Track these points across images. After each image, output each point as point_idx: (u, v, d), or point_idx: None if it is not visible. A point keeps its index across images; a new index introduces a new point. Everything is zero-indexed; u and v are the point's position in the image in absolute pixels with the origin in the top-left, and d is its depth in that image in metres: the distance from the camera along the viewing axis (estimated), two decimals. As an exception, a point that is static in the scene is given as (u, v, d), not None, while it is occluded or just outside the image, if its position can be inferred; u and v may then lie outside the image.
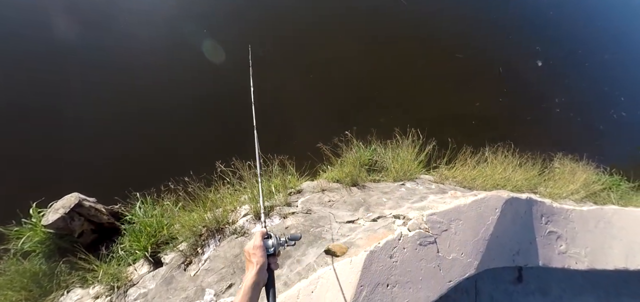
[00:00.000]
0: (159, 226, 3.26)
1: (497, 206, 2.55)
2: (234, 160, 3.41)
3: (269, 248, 1.15)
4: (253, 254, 1.10)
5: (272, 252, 1.16)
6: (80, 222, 3.13)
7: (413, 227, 2.25)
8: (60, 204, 3.06)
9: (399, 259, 2.11)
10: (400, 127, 4.37)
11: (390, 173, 4.16)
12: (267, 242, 1.16)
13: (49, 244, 3.10)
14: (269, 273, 1.11)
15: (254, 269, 1.07)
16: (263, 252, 1.12)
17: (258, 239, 1.15)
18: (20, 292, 2.76)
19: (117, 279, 2.87)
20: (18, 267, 2.87)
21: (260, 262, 1.08)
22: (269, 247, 1.15)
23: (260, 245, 1.13)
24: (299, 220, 3.00)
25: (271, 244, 1.16)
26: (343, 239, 2.42)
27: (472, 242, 2.36)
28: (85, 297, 2.90)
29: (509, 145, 4.47)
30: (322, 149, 3.91)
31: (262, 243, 1.14)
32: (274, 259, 1.16)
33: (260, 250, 1.12)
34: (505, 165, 4.36)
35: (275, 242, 1.18)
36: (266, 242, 1.16)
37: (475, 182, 4.13)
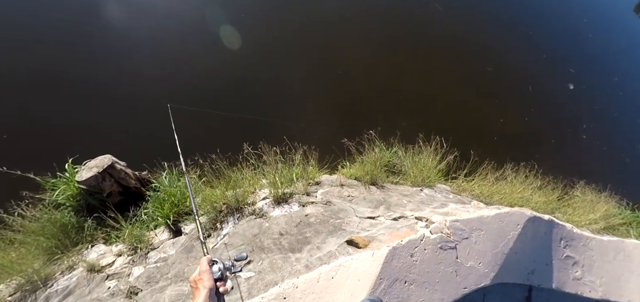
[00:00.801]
0: (183, 197, 3.38)
1: (519, 222, 2.56)
2: (261, 144, 3.49)
3: (215, 273, 1.10)
4: (199, 279, 1.05)
5: (219, 275, 1.11)
6: (110, 183, 3.27)
7: (435, 230, 2.29)
8: (94, 163, 3.21)
9: (419, 258, 2.15)
10: (423, 133, 4.38)
11: (408, 177, 4.19)
12: (213, 267, 1.12)
13: (79, 199, 3.26)
14: (218, 297, 1.07)
15: (201, 295, 1.02)
16: (209, 276, 1.07)
17: (204, 265, 1.10)
18: (51, 239, 2.91)
19: (140, 241, 3.00)
20: (50, 217, 3.02)
21: (207, 286, 1.03)
22: (216, 272, 1.10)
23: (206, 269, 1.08)
24: (319, 209, 3.07)
25: (217, 269, 1.12)
26: (364, 233, 2.47)
27: (491, 254, 2.38)
28: (108, 254, 3.04)
29: (532, 166, 4.42)
30: (346, 144, 3.95)
31: (208, 268, 1.09)
32: (222, 283, 1.10)
33: (207, 274, 1.07)
34: (525, 186, 4.32)
35: (222, 267, 1.13)
36: (213, 267, 1.11)
37: (492, 198, 4.12)
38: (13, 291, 2.59)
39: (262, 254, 2.57)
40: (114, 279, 2.64)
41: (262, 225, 2.97)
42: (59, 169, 3.29)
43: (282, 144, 3.76)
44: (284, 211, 3.15)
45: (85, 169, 3.18)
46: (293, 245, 2.61)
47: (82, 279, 2.67)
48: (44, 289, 2.58)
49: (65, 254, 2.90)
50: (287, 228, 2.85)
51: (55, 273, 2.75)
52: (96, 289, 2.54)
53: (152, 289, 2.43)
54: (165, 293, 2.32)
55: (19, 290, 2.58)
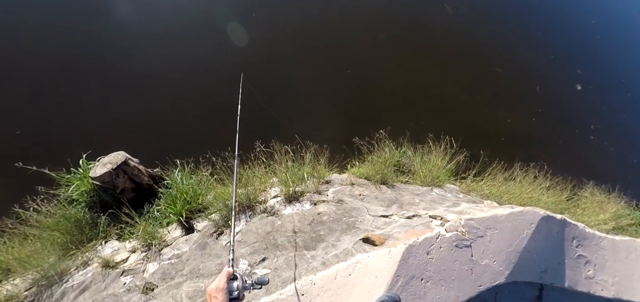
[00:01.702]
0: (195, 194, 3.40)
1: (533, 221, 2.56)
2: (273, 142, 3.51)
3: (233, 291, 1.06)
4: (214, 297, 1.02)
5: (236, 295, 1.07)
6: (124, 180, 3.30)
7: (451, 228, 2.30)
8: (108, 159, 3.23)
9: (435, 256, 2.16)
10: (432, 133, 4.39)
11: (417, 177, 4.20)
12: (231, 284, 1.07)
13: (92, 195, 3.28)
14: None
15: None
16: (225, 296, 1.03)
17: (222, 281, 1.05)
18: (66, 235, 2.94)
19: (153, 238, 3.02)
20: (64, 212, 3.05)
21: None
22: (233, 290, 1.06)
23: (223, 288, 1.04)
24: (331, 208, 3.08)
25: (236, 287, 1.07)
26: (379, 231, 2.48)
27: (506, 252, 2.39)
28: (122, 250, 3.07)
29: (541, 167, 4.42)
30: (356, 143, 3.97)
31: (225, 286, 1.05)
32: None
33: (223, 294, 1.03)
34: (534, 186, 4.32)
35: (240, 285, 1.09)
36: (231, 284, 1.07)
37: (501, 198, 4.12)
38: (29, 286, 2.62)
39: (277, 251, 2.59)
40: (129, 275, 2.66)
41: (275, 223, 2.98)
42: (73, 165, 3.32)
43: (294, 142, 3.78)
44: (296, 209, 3.17)
45: (99, 165, 3.21)
46: (307, 243, 2.62)
47: (97, 275, 2.70)
48: (60, 284, 2.61)
49: (79, 250, 2.93)
50: (301, 226, 2.86)
51: (70, 269, 2.78)
52: (112, 285, 2.56)
53: (167, 285, 2.45)
54: (181, 289, 2.34)
55: (34, 284, 2.61)
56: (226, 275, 1.08)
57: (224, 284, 1.05)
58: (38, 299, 2.51)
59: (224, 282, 1.05)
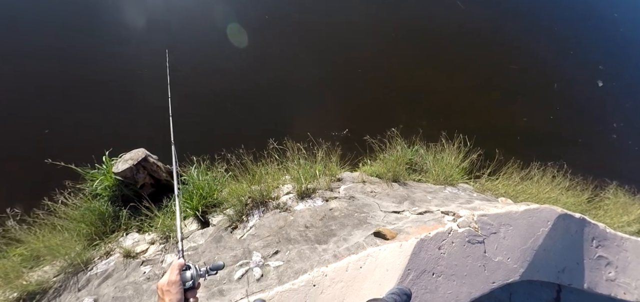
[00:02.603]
0: (211, 190, 3.51)
1: (549, 219, 2.52)
2: (286, 140, 3.58)
3: (187, 281, 1.01)
4: (167, 290, 0.96)
5: (191, 285, 1.02)
6: (144, 175, 3.43)
7: (463, 224, 2.29)
8: (129, 156, 3.38)
9: (446, 251, 2.16)
10: (445, 132, 4.35)
11: (430, 176, 4.17)
12: (184, 274, 1.02)
13: (115, 190, 3.44)
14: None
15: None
16: (179, 288, 0.97)
17: (174, 273, 0.99)
18: (90, 226, 3.10)
19: (171, 230, 3.14)
20: (89, 205, 3.22)
21: (174, 300, 0.95)
22: (187, 280, 1.01)
23: (175, 280, 0.98)
24: (343, 204, 3.11)
25: (190, 275, 1.02)
26: (390, 226, 2.50)
27: (520, 249, 2.36)
28: (141, 242, 3.20)
29: (560, 166, 4.30)
30: (368, 142, 3.99)
31: (178, 278, 0.99)
32: (193, 293, 1.02)
33: (176, 287, 0.97)
34: (553, 186, 4.21)
35: (195, 274, 1.04)
36: (184, 274, 1.02)
37: (517, 198, 4.04)
38: (57, 273, 2.77)
39: (289, 245, 2.65)
40: (148, 264, 2.78)
41: (287, 218, 3.04)
42: (97, 161, 3.49)
43: (306, 140, 3.83)
44: (307, 205, 3.22)
45: (121, 161, 3.36)
46: (319, 237, 2.67)
47: (119, 264, 2.83)
48: (85, 271, 2.75)
49: (103, 241, 3.07)
50: (313, 221, 2.91)
51: (94, 258, 2.92)
52: (132, 273, 2.68)
53: (185, 275, 2.55)
54: (198, 278, 2.42)
55: (62, 272, 2.76)
56: (177, 267, 1.01)
57: (176, 276, 0.98)
58: (65, 285, 2.65)
59: (175, 275, 0.98)
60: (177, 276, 0.99)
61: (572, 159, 4.64)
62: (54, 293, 2.56)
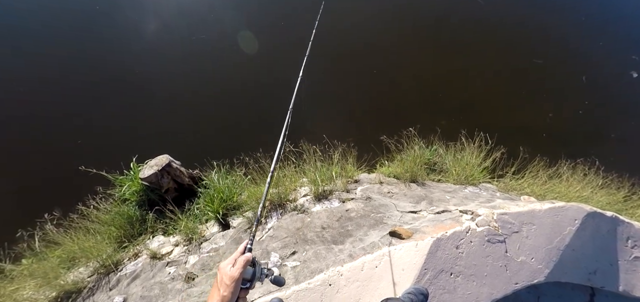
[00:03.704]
0: (230, 193, 3.61)
1: (576, 218, 2.39)
2: (302, 142, 3.63)
3: (246, 278, 0.95)
4: (226, 284, 0.89)
5: (248, 286, 0.96)
6: (168, 180, 3.60)
7: (482, 223, 2.23)
8: (154, 162, 3.56)
9: (465, 251, 2.11)
10: (465, 130, 4.24)
11: (450, 175, 4.08)
12: (248, 270, 0.95)
13: (141, 194, 3.63)
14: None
15: (215, 299, 0.89)
16: (236, 287, 0.89)
17: (238, 269, 0.91)
18: (120, 229, 3.29)
19: (193, 233, 3.26)
20: (119, 210, 3.42)
21: (226, 299, 0.87)
22: (247, 278, 0.95)
23: (237, 277, 0.90)
24: (359, 205, 3.11)
25: (250, 275, 0.96)
26: (407, 226, 2.47)
27: (545, 249, 2.26)
28: (166, 244, 3.34)
29: (591, 163, 4.06)
30: (385, 142, 3.97)
31: (240, 275, 0.91)
32: (245, 292, 0.95)
33: (236, 284, 0.89)
34: (583, 184, 3.98)
35: (256, 275, 0.98)
36: (247, 270, 0.95)
37: (544, 197, 3.85)
38: (91, 273, 2.96)
39: (306, 245, 2.68)
40: (173, 265, 2.90)
41: (304, 219, 3.08)
42: (125, 168, 3.70)
43: (322, 142, 3.87)
44: (324, 207, 3.24)
45: (147, 167, 3.54)
46: (335, 238, 2.68)
47: (146, 265, 2.97)
48: (116, 272, 2.92)
49: (131, 243, 3.25)
50: (329, 222, 2.93)
51: (124, 259, 3.09)
52: (159, 274, 2.81)
53: (206, 275, 2.64)
54: (218, 278, 2.50)
55: (95, 272, 2.95)
56: (244, 261, 0.94)
57: (239, 272, 0.91)
58: (98, 284, 2.83)
59: (240, 271, 0.91)
60: (240, 273, 0.91)
61: (604, 156, 4.37)
62: (87, 293, 2.73)
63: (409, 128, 4.13)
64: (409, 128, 4.13)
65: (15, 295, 2.57)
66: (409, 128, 4.13)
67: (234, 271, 0.90)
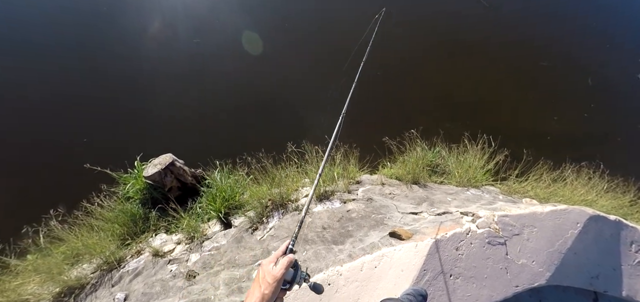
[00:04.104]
0: (233, 192, 3.64)
1: (579, 221, 2.37)
2: (305, 143, 3.64)
3: (286, 280, 0.93)
4: (268, 283, 0.88)
5: (287, 287, 0.94)
6: (171, 179, 3.63)
7: (482, 225, 2.22)
8: (157, 161, 3.59)
9: (465, 252, 2.10)
10: (469, 133, 4.22)
11: (453, 178, 4.06)
12: (289, 272, 0.94)
13: (145, 192, 3.66)
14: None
15: (255, 299, 0.87)
16: (278, 287, 0.89)
17: (281, 269, 0.90)
18: (123, 227, 3.32)
19: (195, 231, 3.29)
20: (122, 207, 3.45)
21: (267, 297, 0.86)
22: (287, 280, 0.94)
23: (279, 278, 0.89)
24: (360, 206, 3.11)
25: (291, 277, 0.95)
26: (407, 227, 2.47)
27: (546, 252, 2.24)
28: (169, 242, 3.37)
29: (596, 167, 4.02)
30: (387, 143, 3.96)
31: (282, 276, 0.90)
32: (283, 294, 0.93)
33: (276, 284, 0.88)
34: (588, 188, 3.94)
35: (296, 277, 0.96)
36: (288, 272, 0.93)
37: (548, 200, 3.82)
38: (94, 270, 2.99)
39: (306, 245, 2.69)
40: (175, 263, 2.93)
41: (305, 220, 3.09)
42: (129, 166, 3.74)
43: (323, 143, 3.87)
44: (325, 207, 3.25)
45: (151, 166, 3.58)
46: (336, 238, 2.69)
47: (148, 263, 3.00)
48: (118, 269, 2.95)
49: (134, 241, 3.28)
50: (330, 222, 2.93)
51: (126, 256, 3.12)
52: (160, 271, 2.83)
53: (207, 273, 2.66)
54: (219, 277, 2.53)
55: (98, 269, 2.98)
56: (288, 262, 0.93)
57: (281, 273, 0.90)
58: (101, 281, 2.86)
59: (283, 271, 0.90)
60: (282, 274, 0.90)
61: (610, 159, 4.32)
62: (90, 288, 2.77)
63: (411, 130, 4.12)
64: (411, 130, 4.12)
65: (20, 290, 2.61)
66: (411, 130, 4.12)
67: (277, 270, 0.90)
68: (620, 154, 4.74)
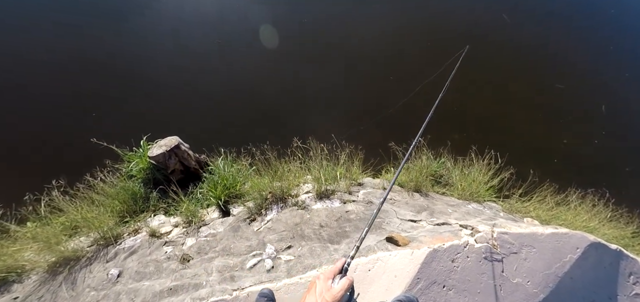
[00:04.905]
0: (234, 181, 3.65)
1: (579, 246, 2.34)
2: (310, 140, 3.64)
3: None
4: (325, 299, 0.85)
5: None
6: (175, 162, 3.66)
7: (481, 240, 2.20)
8: (163, 142, 3.62)
9: (460, 265, 2.09)
10: (476, 147, 4.18)
11: (455, 190, 4.03)
12: (346, 295, 0.90)
13: (148, 172, 3.69)
14: None
15: None
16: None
17: (341, 292, 0.87)
18: (123, 204, 3.35)
19: (194, 216, 3.30)
20: (124, 185, 3.48)
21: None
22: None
23: (338, 300, 0.86)
24: (360, 208, 3.11)
25: (345, 300, 0.90)
26: (405, 233, 2.46)
27: (542, 274, 2.21)
28: (167, 224, 3.39)
29: (602, 194, 3.96)
30: (393, 148, 3.94)
31: (341, 298, 0.87)
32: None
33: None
34: (592, 215, 3.88)
35: (351, 299, 0.94)
36: (346, 295, 0.90)
37: (550, 223, 3.78)
38: (91, 243, 3.02)
39: (302, 241, 2.69)
40: (170, 245, 2.95)
41: (304, 216, 3.09)
42: (135, 145, 3.77)
43: (330, 141, 3.87)
44: (325, 205, 3.25)
45: (156, 146, 3.60)
46: (332, 237, 2.68)
47: (144, 242, 3.02)
48: (115, 245, 2.97)
49: (133, 219, 3.31)
50: (328, 221, 2.93)
51: (124, 234, 3.15)
52: (155, 252, 2.86)
53: (201, 258, 2.68)
54: (213, 263, 2.54)
55: (95, 243, 3.01)
56: (348, 285, 0.90)
57: (341, 295, 0.86)
58: (97, 255, 2.89)
59: (340, 294, 0.86)
60: (342, 296, 0.87)
61: (616, 188, 4.25)
62: (85, 261, 2.80)
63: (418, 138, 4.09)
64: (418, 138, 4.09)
65: (17, 255, 2.64)
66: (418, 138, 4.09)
67: (337, 292, 0.87)
68: (627, 185, 4.66)
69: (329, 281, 0.91)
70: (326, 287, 0.89)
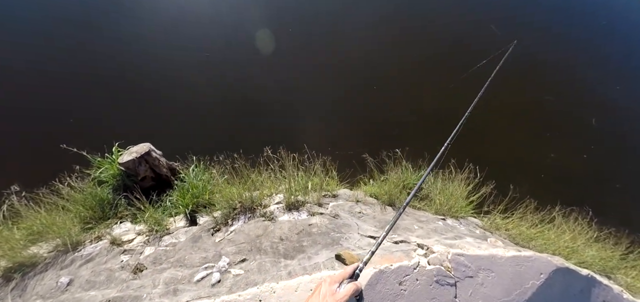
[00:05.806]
0: (204, 190, 3.59)
1: (543, 271, 2.19)
2: (281, 149, 3.57)
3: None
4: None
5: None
6: (145, 168, 3.62)
7: (434, 261, 2.08)
8: (135, 149, 3.59)
9: (408, 288, 1.97)
10: (458, 159, 4.05)
11: (433, 204, 3.90)
12: (351, 300, 0.89)
13: (118, 179, 3.66)
14: None
15: None
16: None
17: (344, 297, 0.86)
18: (89, 210, 3.32)
19: (158, 224, 3.24)
20: (92, 191, 3.45)
21: None
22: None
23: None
24: (324, 221, 3.01)
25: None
26: (358, 251, 2.35)
27: (500, 301, 2.08)
28: (131, 232, 3.34)
29: (586, 213, 3.78)
30: (367, 160, 3.85)
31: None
32: None
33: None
34: (576, 234, 3.70)
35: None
36: (352, 300, 0.90)
37: (532, 242, 3.61)
38: (50, 250, 2.98)
39: (257, 255, 2.60)
40: (128, 254, 2.89)
41: (268, 228, 3.01)
42: (107, 151, 3.75)
43: (302, 152, 3.79)
44: (291, 217, 3.16)
45: (127, 153, 3.57)
46: (288, 252, 2.59)
47: (103, 250, 2.97)
48: (73, 252, 2.93)
49: (97, 226, 3.27)
50: (289, 234, 2.84)
51: (85, 241, 3.10)
52: (111, 261, 2.80)
53: (154, 269, 2.61)
54: (162, 275, 2.47)
55: (55, 249, 2.97)
56: (353, 291, 0.89)
57: (345, 299, 0.85)
58: (54, 262, 2.84)
59: (344, 298, 0.85)
60: (346, 301, 0.86)
61: (605, 206, 4.07)
62: (41, 268, 2.75)
63: (395, 149, 3.99)
64: (395, 149, 3.99)
65: (-30, 261, 2.62)
66: (395, 149, 3.99)
67: (341, 297, 0.86)
68: (615, 203, 4.46)
69: (335, 284, 0.89)
70: (330, 290, 0.87)
